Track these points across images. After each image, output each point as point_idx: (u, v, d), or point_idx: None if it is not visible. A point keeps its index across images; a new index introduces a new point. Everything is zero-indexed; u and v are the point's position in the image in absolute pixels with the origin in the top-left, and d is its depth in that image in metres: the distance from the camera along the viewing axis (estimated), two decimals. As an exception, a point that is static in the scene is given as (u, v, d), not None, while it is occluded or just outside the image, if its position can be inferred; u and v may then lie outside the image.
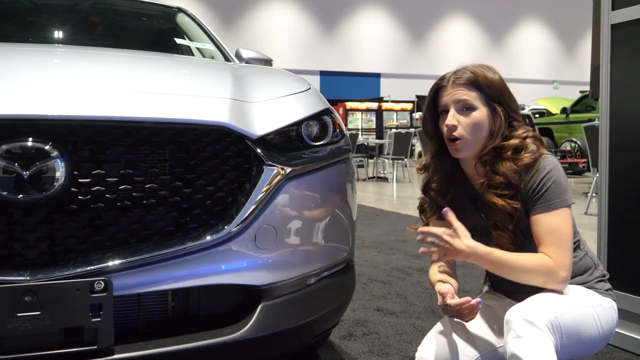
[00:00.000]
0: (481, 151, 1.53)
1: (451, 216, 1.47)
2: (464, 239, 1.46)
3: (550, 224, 1.46)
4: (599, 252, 2.45)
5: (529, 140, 1.52)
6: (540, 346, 1.29)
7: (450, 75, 1.55)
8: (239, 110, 1.63)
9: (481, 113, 1.51)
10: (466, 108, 1.51)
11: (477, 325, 1.55)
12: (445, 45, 25.83)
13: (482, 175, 1.55)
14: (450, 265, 1.68)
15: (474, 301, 1.41)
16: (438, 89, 1.57)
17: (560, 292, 1.47)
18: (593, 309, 1.46)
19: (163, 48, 3.01)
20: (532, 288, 1.51)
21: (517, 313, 1.35)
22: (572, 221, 1.52)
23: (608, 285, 1.58)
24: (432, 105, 1.60)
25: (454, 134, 1.51)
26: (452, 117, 1.51)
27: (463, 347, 1.50)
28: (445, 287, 1.50)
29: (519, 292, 1.57)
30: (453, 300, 1.43)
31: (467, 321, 1.47)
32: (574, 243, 1.56)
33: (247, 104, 1.67)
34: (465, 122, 1.51)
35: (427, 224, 1.72)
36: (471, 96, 1.51)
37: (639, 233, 2.31)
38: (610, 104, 2.42)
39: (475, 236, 1.61)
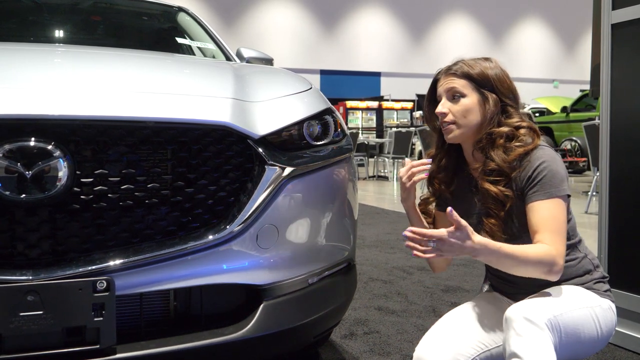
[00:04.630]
0: (477, 137, 1.57)
1: (456, 215, 1.41)
2: (473, 236, 1.39)
3: (546, 211, 1.45)
4: (600, 250, 2.45)
5: (522, 131, 1.54)
6: (539, 344, 1.30)
7: (444, 68, 1.63)
8: (241, 109, 1.63)
9: (471, 100, 1.57)
10: (455, 96, 1.58)
11: (476, 325, 1.56)
12: (446, 44, 25.80)
13: (479, 161, 1.59)
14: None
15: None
16: (435, 81, 1.65)
17: (559, 292, 1.47)
18: (592, 309, 1.47)
19: (164, 47, 3.01)
20: (532, 288, 1.52)
21: (517, 311, 1.35)
22: (572, 217, 1.54)
23: (607, 287, 1.59)
24: (432, 99, 1.67)
25: (445, 120, 1.58)
26: (442, 105, 1.59)
27: (460, 346, 1.50)
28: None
29: (518, 292, 1.58)
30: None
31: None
32: (574, 243, 1.57)
33: (249, 104, 1.67)
34: (454, 108, 1.58)
35: (427, 209, 1.76)
36: (459, 84, 1.57)
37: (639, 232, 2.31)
38: (610, 103, 2.42)
39: (472, 225, 1.61)
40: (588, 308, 1.46)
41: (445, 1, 26.06)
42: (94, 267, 1.38)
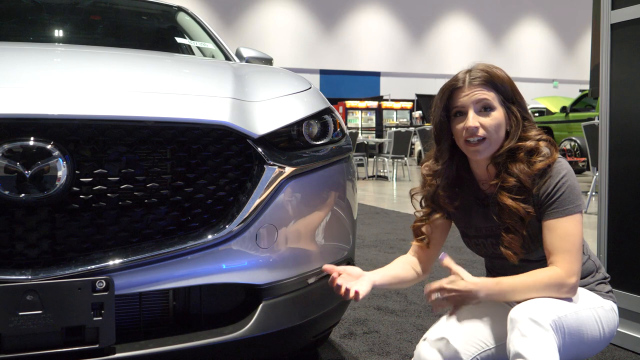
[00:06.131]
0: (496, 152, 1.50)
1: (449, 262, 1.41)
2: (468, 279, 1.40)
3: (563, 229, 1.44)
4: (599, 250, 2.46)
5: (542, 144, 1.49)
6: (544, 345, 1.30)
7: (464, 76, 1.50)
8: (240, 109, 1.63)
9: (499, 113, 1.48)
10: (485, 109, 1.48)
11: (477, 324, 1.55)
12: (445, 44, 25.83)
13: (494, 176, 1.52)
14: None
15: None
16: (452, 90, 1.51)
17: None
18: (595, 310, 1.47)
19: (164, 47, 3.01)
20: None
21: (521, 312, 1.35)
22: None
23: (609, 288, 1.59)
24: (445, 108, 1.54)
25: (479, 134, 1.46)
26: (474, 119, 1.46)
27: (460, 345, 1.50)
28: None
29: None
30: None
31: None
32: None
33: (248, 103, 1.67)
34: (487, 122, 1.47)
35: (421, 230, 1.71)
36: (490, 96, 1.47)
37: (639, 232, 2.31)
38: (610, 103, 2.42)
39: (480, 237, 1.61)
40: (591, 309, 1.46)
41: (445, 1, 26.06)
42: (93, 266, 1.39)
